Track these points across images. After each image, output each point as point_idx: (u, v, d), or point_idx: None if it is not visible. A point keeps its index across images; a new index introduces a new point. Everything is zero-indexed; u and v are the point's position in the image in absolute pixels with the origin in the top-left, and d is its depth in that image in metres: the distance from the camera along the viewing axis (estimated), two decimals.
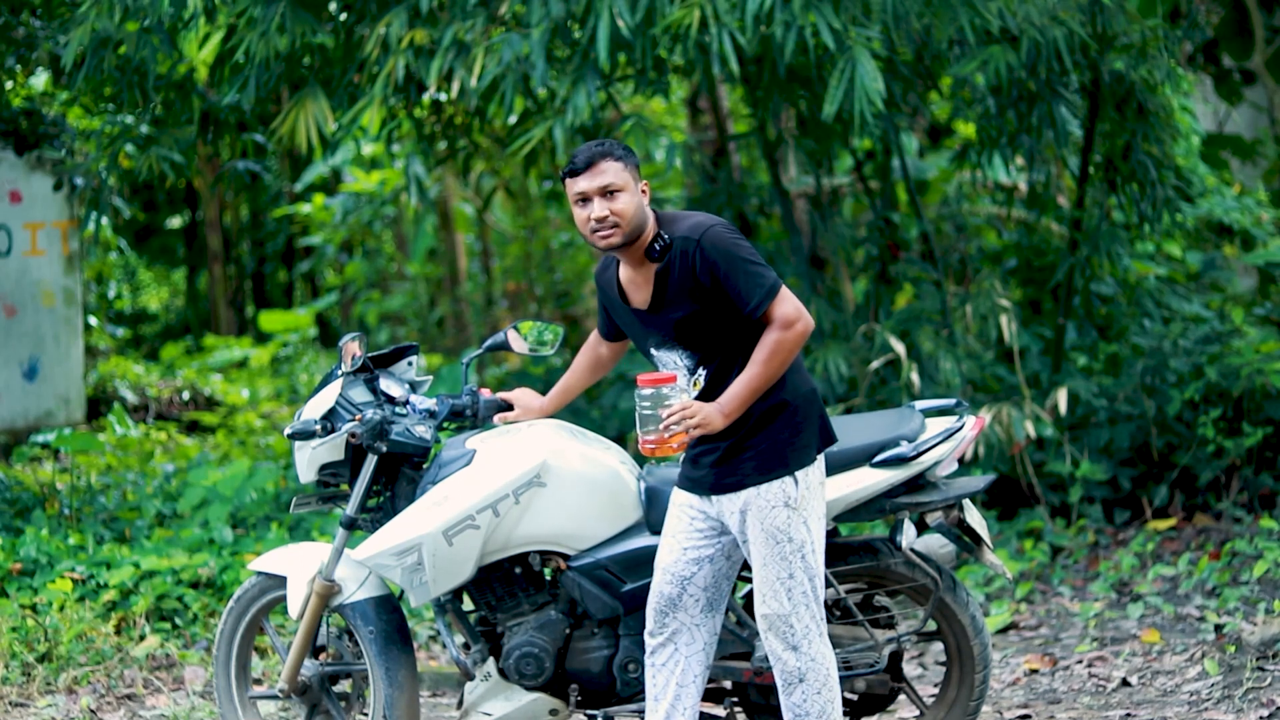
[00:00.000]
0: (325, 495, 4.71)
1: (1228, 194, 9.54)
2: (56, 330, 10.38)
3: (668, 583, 4.18)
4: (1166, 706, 5.37)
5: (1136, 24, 7.30)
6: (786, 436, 4.01)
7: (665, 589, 4.19)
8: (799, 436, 4.03)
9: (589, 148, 4.02)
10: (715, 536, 4.16)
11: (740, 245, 3.95)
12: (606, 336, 4.47)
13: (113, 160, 7.62)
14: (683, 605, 4.19)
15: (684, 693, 4.21)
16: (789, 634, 4.04)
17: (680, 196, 10.85)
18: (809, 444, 4.04)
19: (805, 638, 4.04)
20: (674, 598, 4.18)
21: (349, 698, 4.74)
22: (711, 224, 3.97)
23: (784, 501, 4.00)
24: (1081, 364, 8.51)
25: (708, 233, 3.95)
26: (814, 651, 4.05)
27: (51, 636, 6.01)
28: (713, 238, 3.94)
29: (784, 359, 3.95)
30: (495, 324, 14.29)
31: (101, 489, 8.42)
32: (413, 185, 9.88)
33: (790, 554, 4.01)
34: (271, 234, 19.51)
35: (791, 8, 6.30)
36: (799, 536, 4.02)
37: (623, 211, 3.99)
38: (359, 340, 4.57)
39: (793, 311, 3.93)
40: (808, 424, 4.05)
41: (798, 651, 4.04)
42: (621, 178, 4.00)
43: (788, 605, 4.02)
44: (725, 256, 3.94)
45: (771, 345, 3.93)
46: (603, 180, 3.99)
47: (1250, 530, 7.08)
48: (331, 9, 7.62)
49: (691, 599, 4.19)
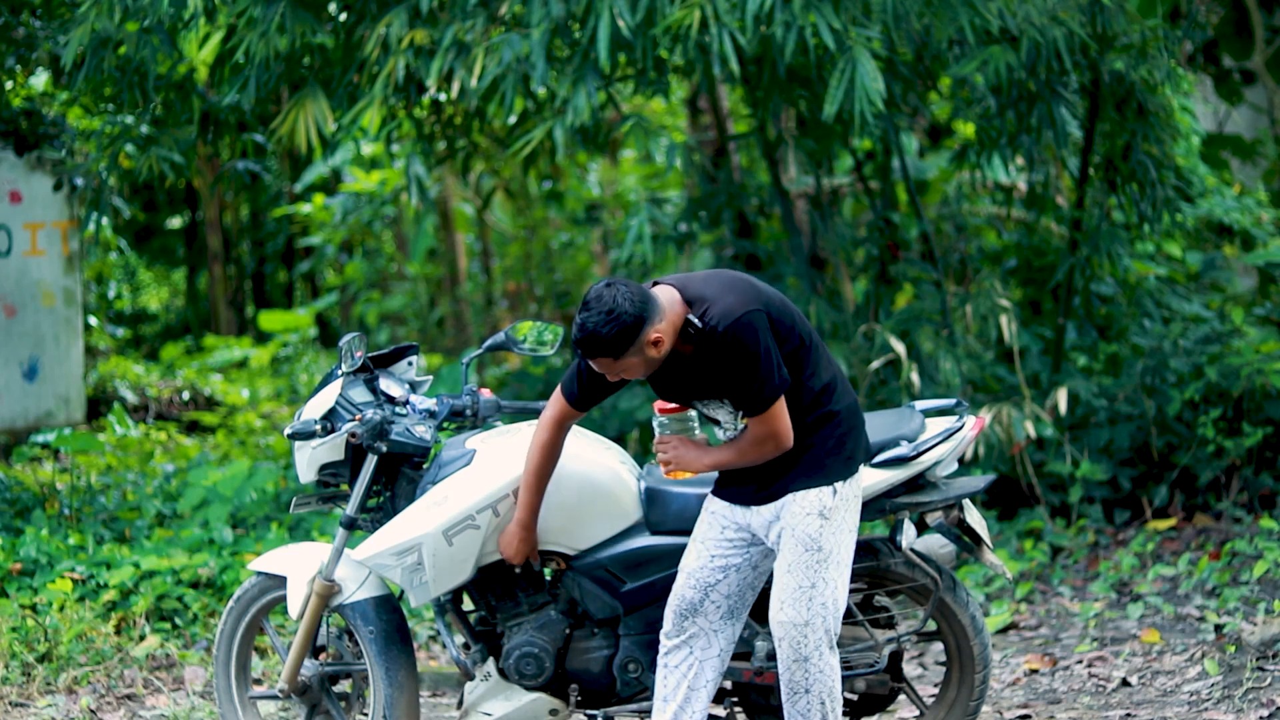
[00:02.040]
0: (325, 495, 4.71)
1: (1228, 194, 9.53)
2: (56, 330, 10.38)
3: (691, 587, 4.19)
4: (1166, 706, 5.37)
5: (1136, 24, 7.30)
6: (831, 446, 4.03)
7: (688, 593, 4.19)
8: (843, 448, 4.04)
9: (586, 338, 3.87)
10: (745, 547, 4.17)
11: (760, 343, 3.89)
12: (579, 406, 4.21)
13: (113, 160, 7.62)
14: (703, 611, 4.20)
15: (694, 696, 4.21)
16: (801, 644, 4.03)
17: (680, 196, 10.84)
18: (851, 456, 4.06)
19: (816, 650, 4.04)
20: (696, 603, 4.19)
21: (349, 698, 4.74)
22: (740, 313, 3.89)
23: (819, 510, 4.02)
24: (1081, 364, 8.51)
25: (734, 325, 3.88)
26: (822, 664, 4.05)
27: (51, 636, 6.01)
28: (738, 331, 3.88)
29: (753, 461, 4.03)
30: (495, 324, 14.29)
31: (101, 489, 8.41)
32: (413, 185, 9.88)
33: (817, 563, 4.02)
34: (271, 234, 19.50)
35: (791, 8, 6.30)
36: (828, 546, 4.02)
37: (633, 376, 4.00)
38: (359, 340, 4.57)
39: (767, 433, 3.97)
40: (851, 436, 4.07)
41: (806, 663, 4.04)
42: (618, 368, 3.94)
43: (805, 614, 4.02)
44: (742, 351, 3.90)
45: (743, 450, 4.02)
46: (603, 370, 3.97)
47: (1250, 530, 7.08)
48: (331, 9, 7.62)
49: (713, 605, 4.20)
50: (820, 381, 4.04)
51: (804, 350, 4.02)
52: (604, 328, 3.83)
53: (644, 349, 3.89)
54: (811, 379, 4.02)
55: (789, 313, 4.03)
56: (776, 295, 4.05)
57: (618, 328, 3.84)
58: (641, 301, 3.86)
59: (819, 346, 4.08)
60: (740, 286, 3.98)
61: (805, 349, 4.02)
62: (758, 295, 3.97)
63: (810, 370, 4.02)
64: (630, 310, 3.84)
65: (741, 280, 4.03)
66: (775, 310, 3.98)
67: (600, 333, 3.84)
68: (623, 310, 3.83)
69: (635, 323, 3.85)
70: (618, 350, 3.87)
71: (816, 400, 4.03)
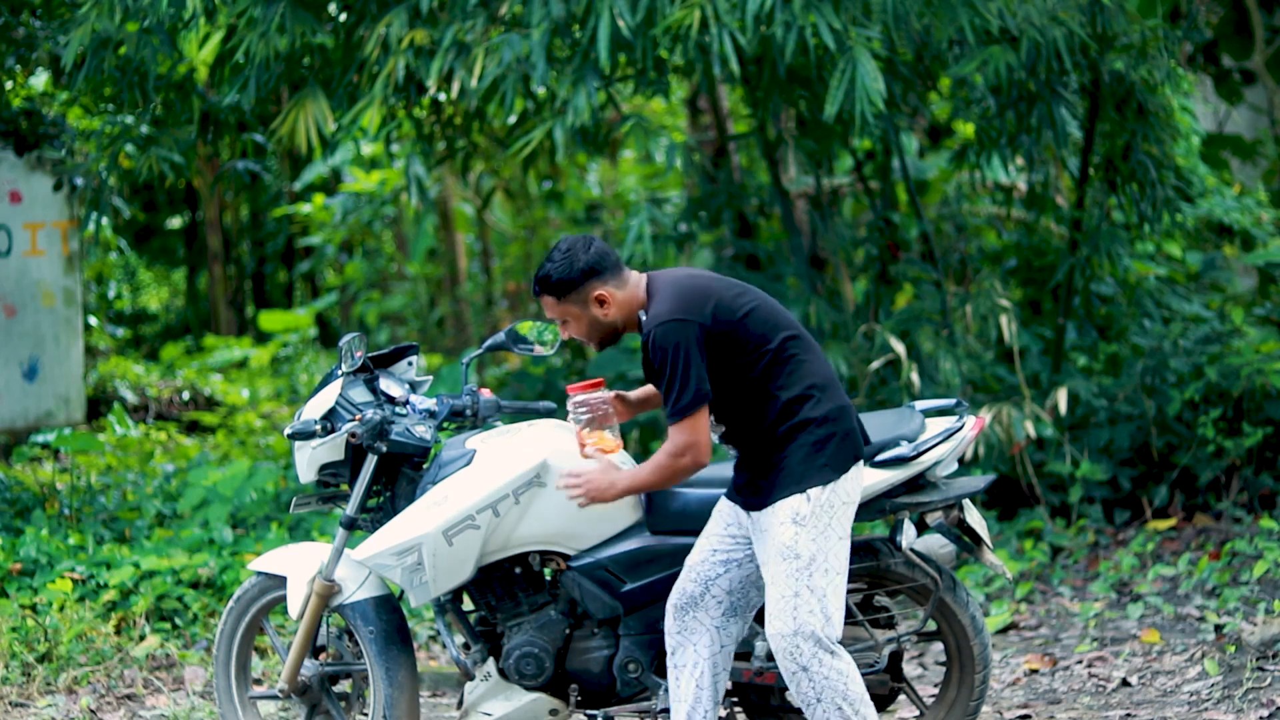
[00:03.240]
0: (325, 495, 4.71)
1: (1228, 194, 9.53)
2: (56, 330, 10.38)
3: (692, 580, 4.22)
4: (1166, 706, 5.38)
5: (1136, 24, 7.30)
6: (804, 454, 4.02)
7: (688, 586, 4.22)
8: (819, 453, 4.03)
9: (538, 273, 4.12)
10: (747, 544, 4.20)
11: (679, 351, 3.95)
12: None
13: (113, 160, 7.62)
14: (703, 605, 4.21)
15: (703, 695, 4.23)
16: (797, 654, 4.02)
17: (680, 196, 10.84)
18: (828, 463, 4.03)
19: (814, 658, 4.02)
20: (696, 596, 4.21)
21: (349, 698, 4.74)
22: (665, 319, 3.98)
23: (791, 518, 4.01)
24: (1081, 364, 8.51)
25: (656, 329, 3.98)
26: (825, 670, 4.03)
27: (51, 636, 6.01)
28: (658, 336, 3.98)
29: (668, 480, 4.08)
30: (495, 324, 14.28)
31: (101, 489, 8.42)
32: (413, 185, 9.88)
33: (797, 571, 4.01)
34: (271, 234, 19.49)
35: (792, 8, 6.31)
36: (808, 553, 4.01)
37: (577, 334, 4.17)
38: (359, 340, 4.57)
39: (684, 444, 4.00)
40: (831, 441, 4.04)
41: (808, 672, 4.03)
42: (559, 311, 4.13)
43: (792, 624, 4.01)
44: (661, 357, 3.98)
45: (659, 463, 4.06)
46: (548, 312, 4.16)
47: (1250, 530, 7.08)
48: (331, 9, 7.62)
49: (714, 600, 4.21)
50: (793, 391, 4.03)
51: (774, 361, 4.03)
52: (554, 264, 4.09)
53: (589, 303, 4.10)
54: (782, 390, 4.03)
55: (759, 321, 4.04)
56: (746, 302, 4.06)
57: (566, 269, 4.07)
58: (599, 257, 4.08)
59: (800, 355, 4.07)
60: (688, 293, 4.03)
61: (777, 359, 4.03)
62: (700, 304, 4.00)
63: (780, 382, 4.03)
64: (583, 259, 4.07)
65: (697, 286, 4.06)
66: (725, 321, 4.00)
67: (548, 267, 4.10)
68: (575, 257, 4.07)
69: (584, 272, 4.07)
70: (560, 291, 4.09)
71: (788, 409, 4.03)
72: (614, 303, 4.09)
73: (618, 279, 4.11)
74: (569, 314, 4.14)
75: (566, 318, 4.16)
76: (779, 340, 4.04)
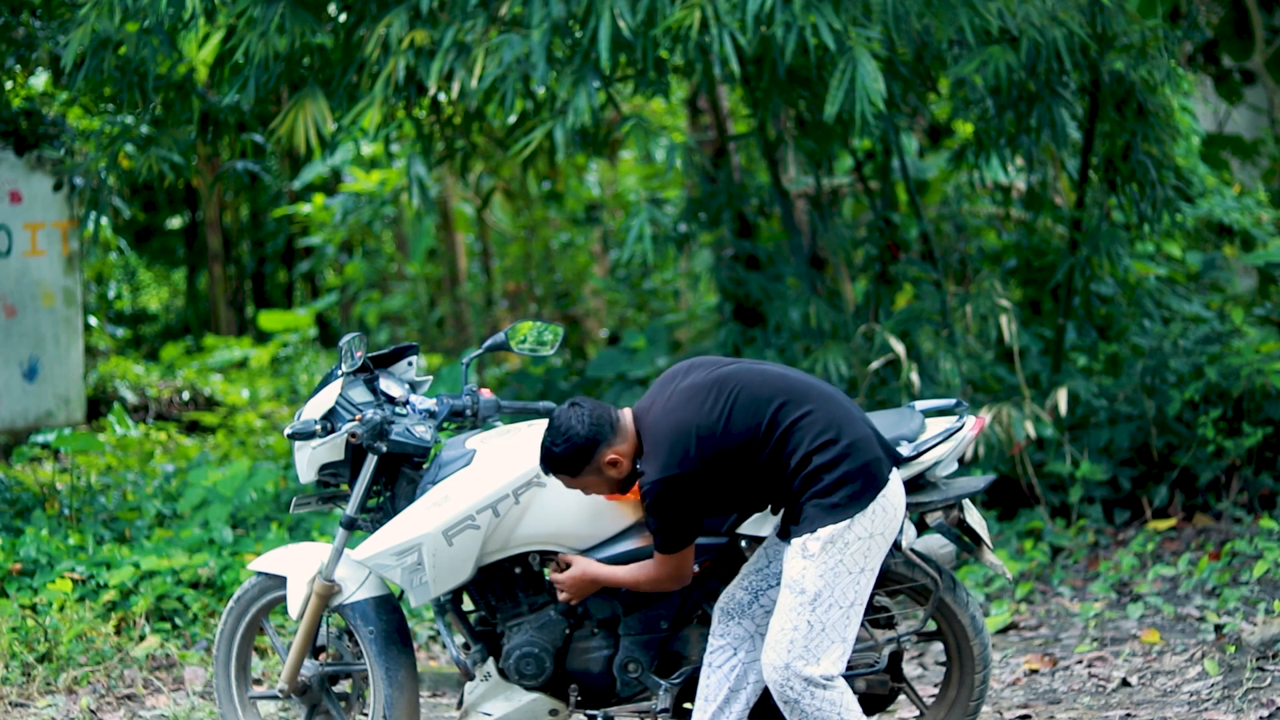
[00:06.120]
0: (325, 495, 4.71)
1: (1228, 194, 9.53)
2: (56, 330, 10.38)
3: (743, 589, 4.27)
4: (1166, 706, 5.38)
5: (1136, 24, 7.30)
6: (816, 500, 4.02)
7: (739, 594, 4.27)
8: (832, 494, 4.01)
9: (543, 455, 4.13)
10: None
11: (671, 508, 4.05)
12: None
13: (112, 160, 7.62)
14: (750, 613, 4.27)
15: (734, 698, 4.26)
16: (784, 687, 4.03)
17: (680, 196, 10.84)
18: (839, 504, 4.01)
19: (805, 692, 4.02)
20: (744, 604, 4.26)
21: (349, 698, 4.74)
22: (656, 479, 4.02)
23: (800, 553, 4.03)
24: (1081, 364, 8.51)
25: (648, 491, 4.04)
26: (818, 703, 4.03)
27: (51, 636, 6.01)
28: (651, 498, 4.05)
29: (648, 590, 4.24)
30: (495, 324, 14.28)
31: (101, 489, 8.42)
32: (414, 185, 9.88)
33: (800, 606, 4.01)
34: (271, 234, 19.50)
35: (792, 8, 6.31)
36: (813, 588, 4.00)
37: (600, 493, 4.23)
38: (359, 340, 4.57)
39: (669, 573, 4.16)
40: (845, 480, 4.01)
41: (797, 705, 4.03)
42: (578, 484, 4.17)
43: (784, 657, 4.01)
44: (653, 513, 4.08)
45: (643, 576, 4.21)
46: (566, 486, 4.21)
47: (1250, 530, 7.08)
48: (331, 9, 7.62)
49: (762, 610, 4.26)
50: (802, 451, 4.02)
51: (771, 439, 4.03)
52: (557, 447, 4.09)
53: (602, 469, 4.11)
54: (792, 454, 4.03)
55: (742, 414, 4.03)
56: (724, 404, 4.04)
57: (570, 448, 4.07)
58: (595, 424, 4.07)
59: (795, 416, 4.03)
60: (669, 440, 4.03)
61: (772, 435, 4.02)
62: (683, 448, 4.00)
63: (788, 449, 4.03)
64: (582, 432, 4.06)
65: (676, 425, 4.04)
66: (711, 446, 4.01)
67: (554, 451, 4.10)
68: (574, 432, 4.07)
69: (587, 444, 4.07)
70: (572, 469, 4.11)
71: (802, 464, 4.03)
72: (623, 456, 4.11)
73: (617, 434, 4.10)
74: (587, 485, 4.17)
75: (586, 488, 4.19)
76: (769, 418, 4.03)
